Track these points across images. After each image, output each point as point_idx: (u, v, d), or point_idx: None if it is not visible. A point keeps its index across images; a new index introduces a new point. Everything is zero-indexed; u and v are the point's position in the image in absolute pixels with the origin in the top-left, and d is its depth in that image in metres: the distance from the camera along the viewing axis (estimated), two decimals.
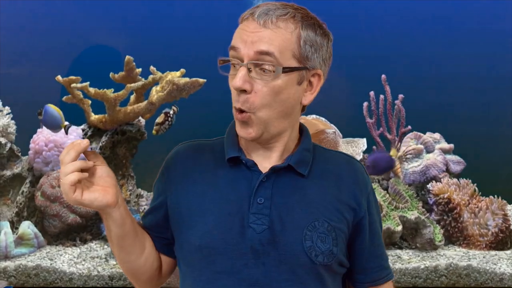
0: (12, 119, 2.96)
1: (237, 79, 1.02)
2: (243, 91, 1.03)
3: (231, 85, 1.07)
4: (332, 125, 3.10)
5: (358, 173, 1.16)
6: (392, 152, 3.00)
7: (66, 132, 2.31)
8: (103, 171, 1.04)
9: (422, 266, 2.43)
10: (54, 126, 2.25)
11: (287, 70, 1.04)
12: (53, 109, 2.20)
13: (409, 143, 3.09)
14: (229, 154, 1.12)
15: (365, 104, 3.09)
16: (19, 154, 2.92)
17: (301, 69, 1.06)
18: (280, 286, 1.05)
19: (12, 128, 2.95)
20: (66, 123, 2.22)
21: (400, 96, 3.03)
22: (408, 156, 2.99)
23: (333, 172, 1.13)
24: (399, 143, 3.06)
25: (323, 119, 3.14)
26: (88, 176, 1.02)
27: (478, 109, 4.59)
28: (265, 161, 1.12)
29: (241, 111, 1.05)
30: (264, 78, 1.03)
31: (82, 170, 1.00)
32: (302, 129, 1.17)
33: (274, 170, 1.10)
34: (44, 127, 2.35)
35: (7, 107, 2.99)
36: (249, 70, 1.02)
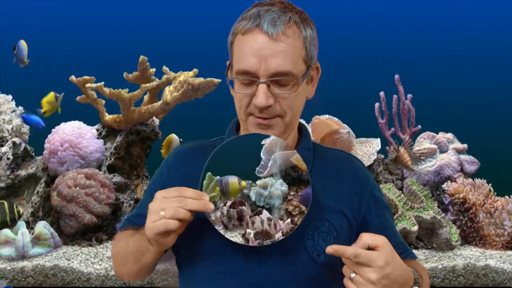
0: None
1: (260, 98, 1.02)
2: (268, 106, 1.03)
3: (242, 100, 1.07)
4: (345, 125, 3.09)
5: (358, 169, 1.15)
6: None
7: (26, 66, 2.80)
8: None
9: (440, 266, 2.43)
10: (20, 61, 2.84)
11: (303, 78, 1.05)
12: (23, 46, 2.83)
13: (423, 143, 3.08)
14: None
15: (377, 105, 3.08)
16: (33, 154, 2.92)
17: (308, 69, 1.07)
18: (282, 286, 1.04)
19: (26, 128, 2.94)
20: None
21: (409, 95, 3.02)
22: (421, 157, 2.97)
23: (333, 170, 1.13)
24: (409, 142, 3.05)
25: (336, 119, 3.13)
26: None
27: (491, 108, 4.58)
28: None
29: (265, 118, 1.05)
30: (286, 91, 1.03)
31: None
32: (301, 128, 1.17)
33: None
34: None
35: (20, 107, 2.98)
36: (268, 86, 1.02)
